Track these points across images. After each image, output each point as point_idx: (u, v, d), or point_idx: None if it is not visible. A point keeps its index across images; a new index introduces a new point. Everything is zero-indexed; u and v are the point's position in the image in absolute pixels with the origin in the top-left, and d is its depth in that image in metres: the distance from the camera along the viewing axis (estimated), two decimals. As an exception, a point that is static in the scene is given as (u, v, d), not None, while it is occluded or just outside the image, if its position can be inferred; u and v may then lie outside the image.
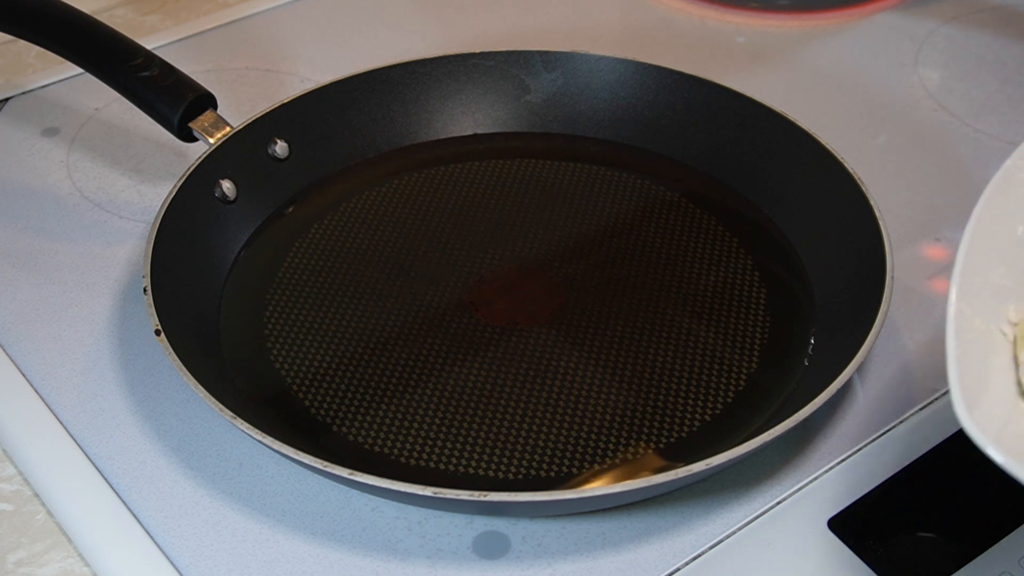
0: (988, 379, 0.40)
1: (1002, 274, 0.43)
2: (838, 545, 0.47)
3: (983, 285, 0.42)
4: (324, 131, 0.66)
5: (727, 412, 0.52)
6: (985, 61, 0.78)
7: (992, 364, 0.41)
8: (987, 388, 0.40)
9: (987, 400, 0.39)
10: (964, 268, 0.42)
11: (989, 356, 0.41)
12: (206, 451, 0.52)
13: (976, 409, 0.38)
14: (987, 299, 0.42)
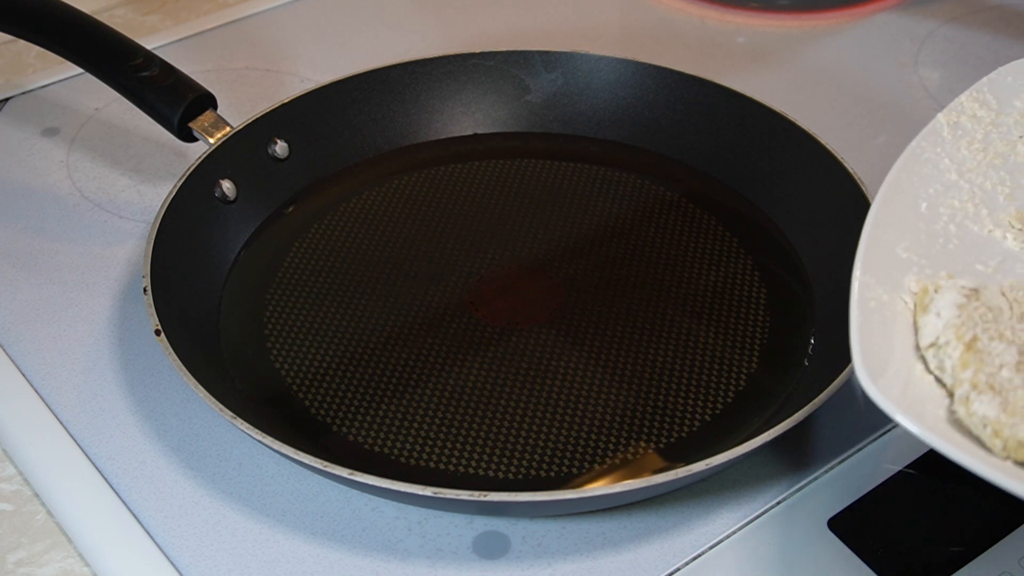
0: (892, 348, 0.42)
1: (905, 247, 0.46)
2: (838, 545, 0.47)
3: (887, 258, 0.45)
4: (324, 131, 0.66)
5: (727, 412, 0.52)
6: (985, 61, 0.78)
7: (896, 333, 0.42)
8: (891, 356, 0.41)
9: (891, 368, 0.41)
10: (869, 243, 0.44)
11: (893, 325, 0.43)
12: (206, 451, 0.52)
13: (881, 377, 0.39)
14: (891, 271, 0.44)
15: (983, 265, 0.46)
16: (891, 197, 0.46)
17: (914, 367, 0.42)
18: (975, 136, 0.51)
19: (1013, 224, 0.48)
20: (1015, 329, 0.42)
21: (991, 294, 0.44)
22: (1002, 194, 0.49)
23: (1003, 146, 0.50)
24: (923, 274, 0.45)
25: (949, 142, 0.50)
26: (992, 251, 0.47)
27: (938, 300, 0.43)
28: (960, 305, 0.43)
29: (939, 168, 0.49)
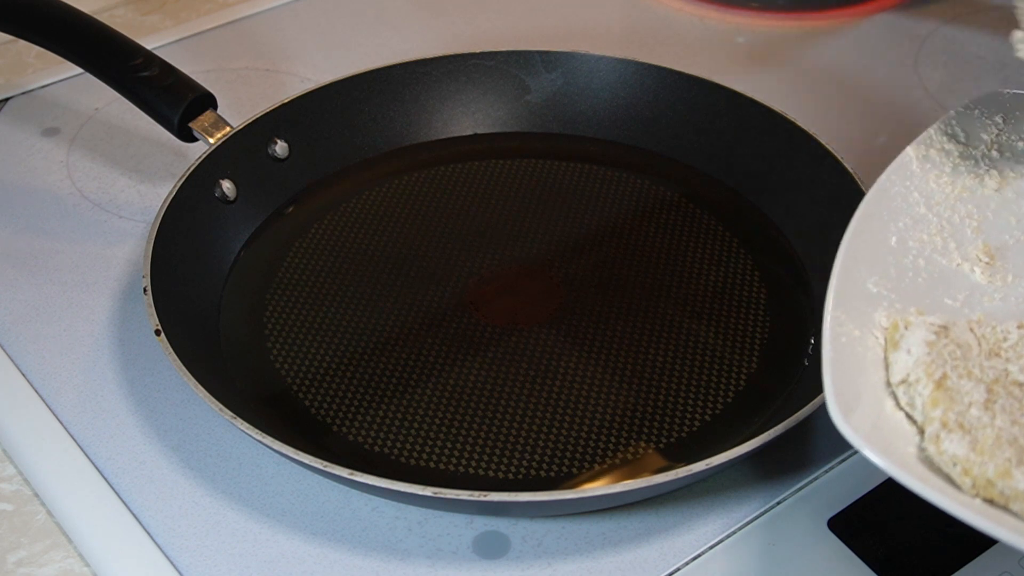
0: (863, 383, 0.42)
1: (875, 281, 0.46)
2: (838, 545, 0.47)
3: (858, 293, 0.45)
4: (324, 131, 0.66)
5: (727, 412, 0.52)
6: (985, 61, 0.78)
7: (867, 369, 0.43)
8: (862, 392, 0.42)
9: (863, 403, 0.41)
10: (840, 278, 0.44)
11: (864, 361, 0.43)
12: (206, 451, 0.52)
13: (852, 413, 0.39)
14: (861, 307, 0.45)
15: (951, 299, 0.47)
16: (861, 231, 0.47)
17: (884, 403, 0.42)
18: (943, 169, 0.51)
19: (980, 257, 0.49)
20: (983, 367, 0.43)
21: (960, 331, 0.44)
22: (970, 227, 0.50)
23: (971, 179, 0.51)
24: (893, 309, 0.45)
25: (918, 175, 0.50)
26: (960, 284, 0.48)
27: (908, 337, 0.44)
28: (930, 342, 0.43)
29: (908, 201, 0.49)
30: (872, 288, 0.46)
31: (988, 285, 0.48)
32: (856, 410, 0.40)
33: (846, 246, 0.46)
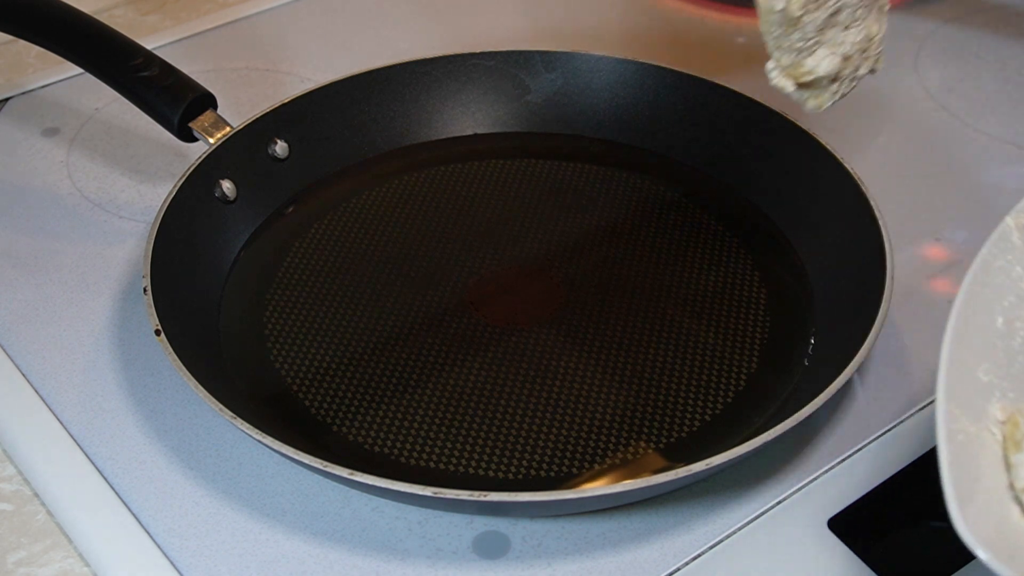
0: (979, 481, 0.40)
1: (985, 369, 0.43)
2: (838, 545, 0.47)
3: (969, 384, 0.42)
4: (324, 131, 0.66)
5: (727, 412, 0.52)
6: (985, 61, 0.78)
7: (983, 465, 0.40)
8: (978, 490, 0.39)
9: (979, 501, 0.39)
10: (949, 367, 0.41)
11: (979, 457, 0.40)
12: (206, 451, 0.52)
13: (968, 510, 0.37)
14: (973, 397, 0.42)
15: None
16: (966, 313, 0.43)
17: (1009, 510, 0.39)
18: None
19: None
20: None
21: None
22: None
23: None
24: (1006, 399, 0.43)
25: (1019, 248, 0.47)
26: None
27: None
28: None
29: (1011, 277, 0.46)
30: (983, 377, 0.43)
31: None
32: (980, 517, 0.38)
33: (952, 331, 0.42)
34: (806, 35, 0.49)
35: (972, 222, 0.64)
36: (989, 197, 0.66)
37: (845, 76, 0.52)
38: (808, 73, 0.51)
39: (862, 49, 0.51)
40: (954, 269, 0.61)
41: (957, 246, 0.62)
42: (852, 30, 0.50)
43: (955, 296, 0.44)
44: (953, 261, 0.61)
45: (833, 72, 0.51)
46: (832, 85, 0.52)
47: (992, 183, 0.67)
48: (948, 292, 0.59)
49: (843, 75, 0.51)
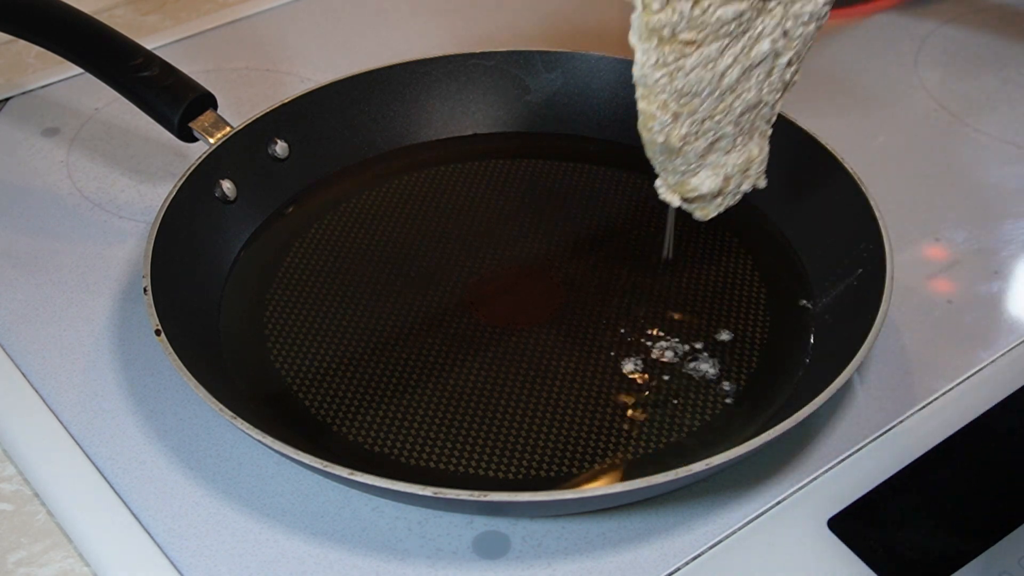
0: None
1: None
2: (838, 545, 0.47)
3: None
4: (324, 131, 0.66)
5: (727, 412, 0.52)
6: (985, 61, 0.78)
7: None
8: None
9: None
10: None
11: None
12: (206, 451, 0.52)
13: None
14: None
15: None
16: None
17: None
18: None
19: None
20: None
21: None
22: None
23: None
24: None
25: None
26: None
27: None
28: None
29: None
30: None
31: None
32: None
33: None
34: (688, 161, 0.52)
35: (972, 222, 0.64)
36: (989, 197, 0.66)
37: (728, 191, 0.54)
38: (693, 190, 0.53)
39: (743, 170, 0.54)
40: (954, 269, 0.61)
41: (957, 246, 0.62)
42: (733, 154, 0.53)
43: (955, 296, 0.44)
44: (953, 261, 0.61)
45: (716, 190, 0.53)
46: (717, 199, 0.55)
47: (992, 183, 0.67)
48: (948, 292, 0.59)
49: (726, 191, 0.54)
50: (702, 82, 0.49)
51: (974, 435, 0.52)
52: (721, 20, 0.47)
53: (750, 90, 0.51)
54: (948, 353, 0.56)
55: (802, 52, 0.52)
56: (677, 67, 0.48)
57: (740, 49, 0.49)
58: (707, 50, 0.48)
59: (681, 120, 0.49)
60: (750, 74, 0.50)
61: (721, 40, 0.48)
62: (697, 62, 0.48)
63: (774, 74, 0.51)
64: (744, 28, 0.49)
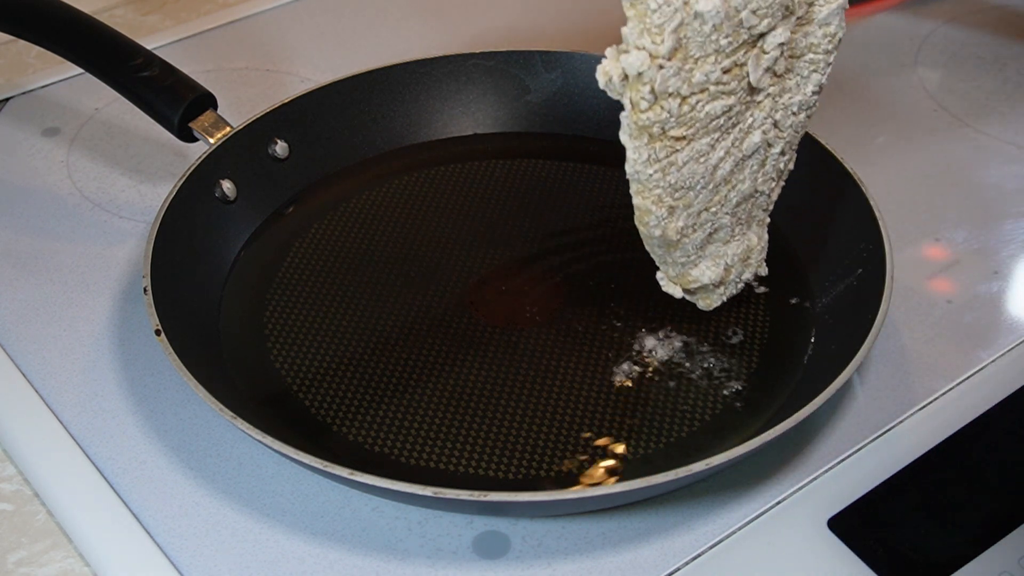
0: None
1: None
2: (838, 545, 0.47)
3: None
4: (324, 131, 0.66)
5: (727, 412, 0.52)
6: (985, 61, 0.78)
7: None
8: None
9: None
10: None
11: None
12: (206, 451, 0.52)
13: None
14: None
15: None
16: None
17: None
18: None
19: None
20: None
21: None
22: None
23: None
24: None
25: None
26: None
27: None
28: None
29: None
30: None
31: None
32: None
33: None
34: (687, 252, 0.52)
35: (972, 222, 0.64)
36: (989, 197, 0.66)
37: (730, 280, 0.55)
38: (694, 281, 0.54)
39: (743, 259, 0.54)
40: (954, 269, 0.61)
41: (957, 246, 0.62)
42: (732, 243, 0.53)
43: (955, 296, 0.44)
44: (953, 261, 0.61)
45: (717, 280, 0.54)
46: (719, 288, 0.55)
47: (992, 183, 0.67)
48: (948, 292, 0.59)
49: (728, 280, 0.55)
50: (695, 176, 0.49)
51: (974, 435, 0.52)
52: (710, 115, 0.47)
53: (744, 180, 0.51)
54: (948, 353, 0.56)
55: (794, 141, 0.52)
56: (669, 162, 0.48)
57: (731, 142, 0.49)
58: (698, 144, 0.48)
59: (677, 213, 0.50)
60: (743, 165, 0.51)
61: (711, 134, 0.48)
62: (689, 156, 0.48)
63: (767, 164, 0.52)
64: (734, 121, 0.49)
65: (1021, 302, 0.59)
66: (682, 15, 0.45)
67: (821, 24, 0.50)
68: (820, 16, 0.50)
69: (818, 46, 0.50)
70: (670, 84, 0.46)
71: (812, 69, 0.51)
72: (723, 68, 0.47)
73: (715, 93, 0.47)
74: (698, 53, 0.46)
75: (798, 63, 0.50)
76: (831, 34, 0.50)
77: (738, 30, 0.47)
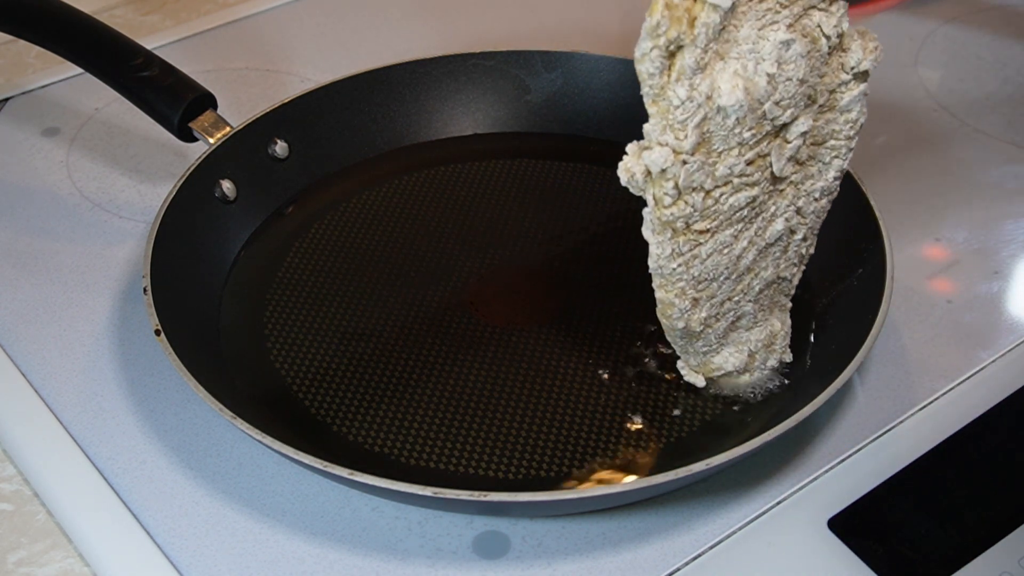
0: None
1: None
2: (838, 545, 0.47)
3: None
4: (324, 131, 0.66)
5: (727, 412, 0.52)
6: (985, 61, 0.78)
7: None
8: None
9: None
10: None
11: None
12: (206, 451, 0.52)
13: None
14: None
15: None
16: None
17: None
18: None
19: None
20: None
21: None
22: None
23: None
24: None
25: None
26: None
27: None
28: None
29: None
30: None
31: None
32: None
33: None
34: (710, 342, 0.51)
35: (972, 222, 0.64)
36: (989, 197, 0.66)
37: (755, 367, 0.54)
38: (717, 369, 0.53)
39: (767, 344, 0.53)
40: (954, 269, 0.61)
41: (957, 246, 0.62)
42: (755, 330, 0.53)
43: (955, 296, 0.44)
44: (953, 261, 0.61)
45: (741, 367, 0.53)
46: (744, 376, 0.54)
47: (992, 183, 0.67)
48: (948, 292, 0.59)
49: (752, 367, 0.53)
50: (719, 267, 0.48)
51: (974, 435, 0.52)
52: (734, 207, 0.47)
53: (767, 268, 0.50)
54: (948, 353, 0.56)
55: (815, 227, 0.52)
56: (693, 255, 0.47)
57: (754, 231, 0.49)
58: (721, 236, 0.47)
59: (701, 305, 0.49)
60: (766, 253, 0.50)
61: (735, 225, 0.47)
62: (712, 248, 0.47)
63: (790, 250, 0.51)
64: (757, 211, 0.48)
65: (1021, 302, 0.59)
66: (705, 110, 0.44)
67: (843, 111, 0.50)
68: (842, 103, 0.49)
69: (840, 132, 0.50)
70: (694, 179, 0.45)
71: (834, 155, 0.50)
72: (747, 160, 0.46)
73: (739, 185, 0.46)
74: (721, 147, 0.45)
75: (820, 150, 0.50)
76: (852, 120, 0.50)
77: (761, 122, 0.46)
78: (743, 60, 0.45)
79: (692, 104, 0.44)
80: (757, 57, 0.45)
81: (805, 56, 0.47)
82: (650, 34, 0.43)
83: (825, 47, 0.48)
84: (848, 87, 0.49)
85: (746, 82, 0.45)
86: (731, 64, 0.45)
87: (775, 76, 0.45)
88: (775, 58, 0.45)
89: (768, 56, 0.45)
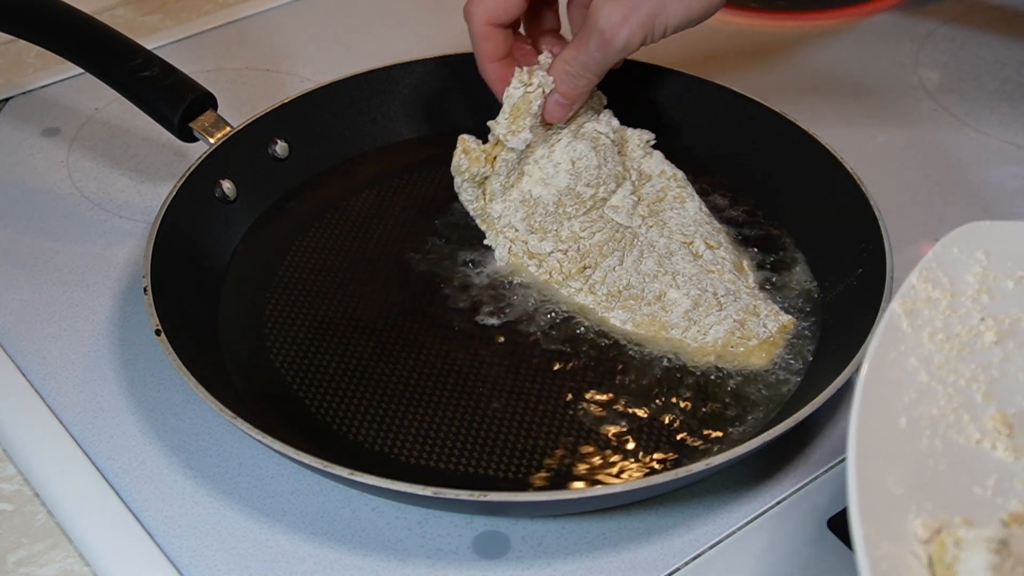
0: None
1: (895, 479, 0.39)
2: (838, 545, 0.47)
3: (882, 499, 0.38)
4: (324, 131, 0.66)
5: (728, 412, 0.52)
6: (985, 61, 0.78)
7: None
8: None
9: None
10: (859, 483, 0.37)
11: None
12: (206, 451, 0.52)
13: None
14: (889, 515, 0.38)
15: (981, 487, 0.41)
16: (866, 417, 0.39)
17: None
18: (935, 324, 0.44)
19: (999, 429, 0.42)
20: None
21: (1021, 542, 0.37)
22: (979, 392, 0.43)
23: (966, 333, 0.44)
24: (924, 511, 0.39)
25: (910, 336, 0.43)
26: (985, 466, 0.41)
27: (966, 561, 0.37)
28: (994, 566, 0.36)
29: (907, 370, 0.42)
30: (895, 489, 0.39)
31: (1015, 463, 0.41)
32: None
33: (854, 440, 0.38)
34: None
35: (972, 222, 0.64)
36: (989, 197, 0.66)
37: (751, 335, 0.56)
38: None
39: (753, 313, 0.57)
40: (954, 269, 0.61)
41: (957, 246, 0.62)
42: (725, 311, 0.56)
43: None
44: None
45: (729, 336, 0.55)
46: (753, 357, 0.54)
47: (992, 183, 0.67)
48: (948, 292, 0.59)
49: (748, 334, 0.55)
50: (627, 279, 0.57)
51: (974, 435, 0.51)
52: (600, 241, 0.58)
53: (684, 265, 0.57)
54: (948, 353, 0.56)
55: (712, 236, 0.59)
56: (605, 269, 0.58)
57: (638, 252, 0.58)
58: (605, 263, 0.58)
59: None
60: (670, 259, 0.58)
61: (614, 254, 0.58)
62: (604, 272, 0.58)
63: (703, 255, 0.58)
64: (628, 242, 0.58)
65: (1021, 302, 0.59)
66: (525, 209, 0.59)
67: (657, 175, 0.61)
68: (651, 170, 0.62)
69: (669, 187, 0.61)
70: (541, 247, 0.58)
71: (679, 201, 0.60)
72: (580, 224, 0.59)
73: (589, 234, 0.58)
74: (553, 224, 0.59)
75: (662, 204, 0.60)
76: (669, 175, 0.61)
77: (580, 200, 0.59)
78: (543, 169, 0.59)
79: (510, 210, 0.59)
80: (554, 162, 0.59)
81: (594, 150, 0.59)
82: (456, 172, 0.59)
83: (608, 140, 0.60)
84: (646, 159, 0.62)
85: (549, 181, 0.58)
86: (535, 174, 0.59)
87: (572, 169, 0.58)
88: (568, 158, 0.59)
89: (562, 160, 0.59)
